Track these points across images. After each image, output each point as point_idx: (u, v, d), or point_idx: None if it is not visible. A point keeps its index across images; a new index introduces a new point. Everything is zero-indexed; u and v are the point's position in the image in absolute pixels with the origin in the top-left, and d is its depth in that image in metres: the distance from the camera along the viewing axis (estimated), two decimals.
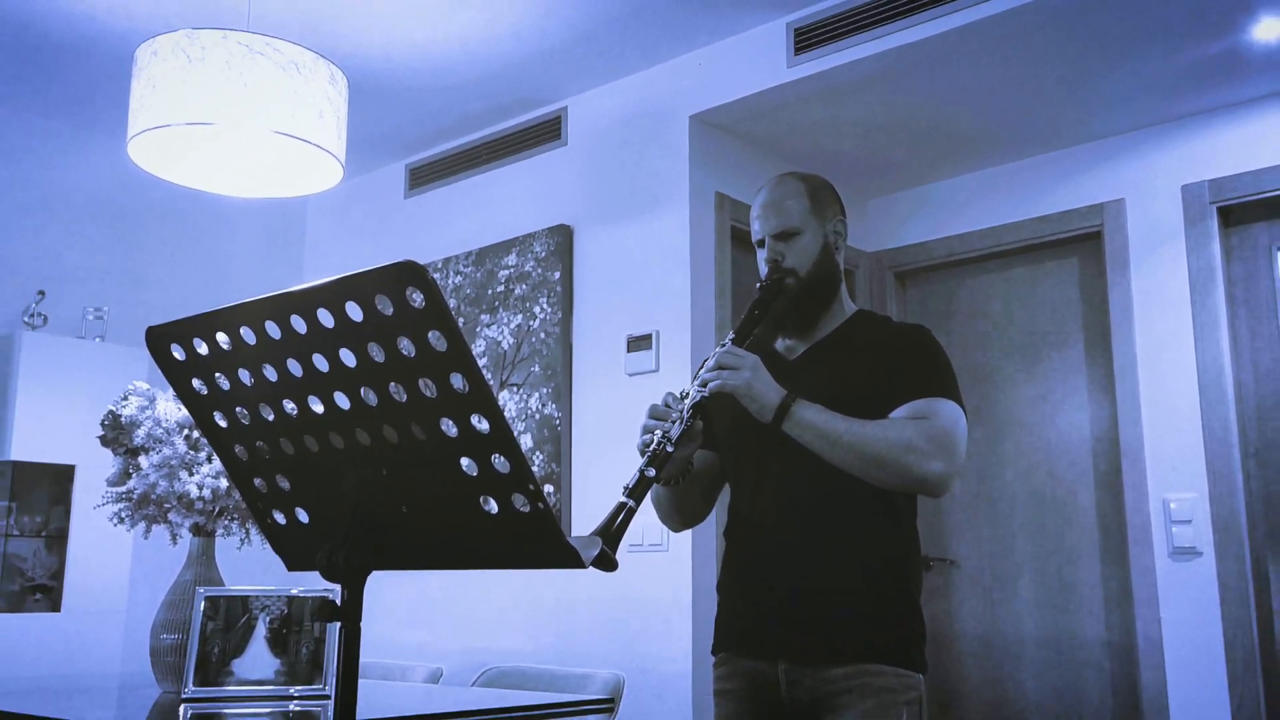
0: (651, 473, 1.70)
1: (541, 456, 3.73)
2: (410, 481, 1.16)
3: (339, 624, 1.12)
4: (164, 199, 4.15)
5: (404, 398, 1.10)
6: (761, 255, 1.96)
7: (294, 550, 1.32)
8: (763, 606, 1.87)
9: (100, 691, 2.73)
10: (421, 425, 1.11)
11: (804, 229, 1.93)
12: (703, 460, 1.98)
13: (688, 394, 1.79)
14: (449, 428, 1.09)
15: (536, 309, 3.85)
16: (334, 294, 1.07)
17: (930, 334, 1.93)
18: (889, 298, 4.30)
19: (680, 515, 2.02)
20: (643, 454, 1.75)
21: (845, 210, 2.03)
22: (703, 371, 1.81)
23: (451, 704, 2.48)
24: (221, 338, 1.18)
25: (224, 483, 2.42)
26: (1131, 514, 3.57)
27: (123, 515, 2.46)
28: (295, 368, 1.15)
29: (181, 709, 2.22)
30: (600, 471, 3.60)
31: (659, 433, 1.75)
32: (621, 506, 1.64)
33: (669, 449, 1.73)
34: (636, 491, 1.67)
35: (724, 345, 1.84)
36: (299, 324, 1.11)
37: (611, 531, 1.61)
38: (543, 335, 3.81)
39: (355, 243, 4.64)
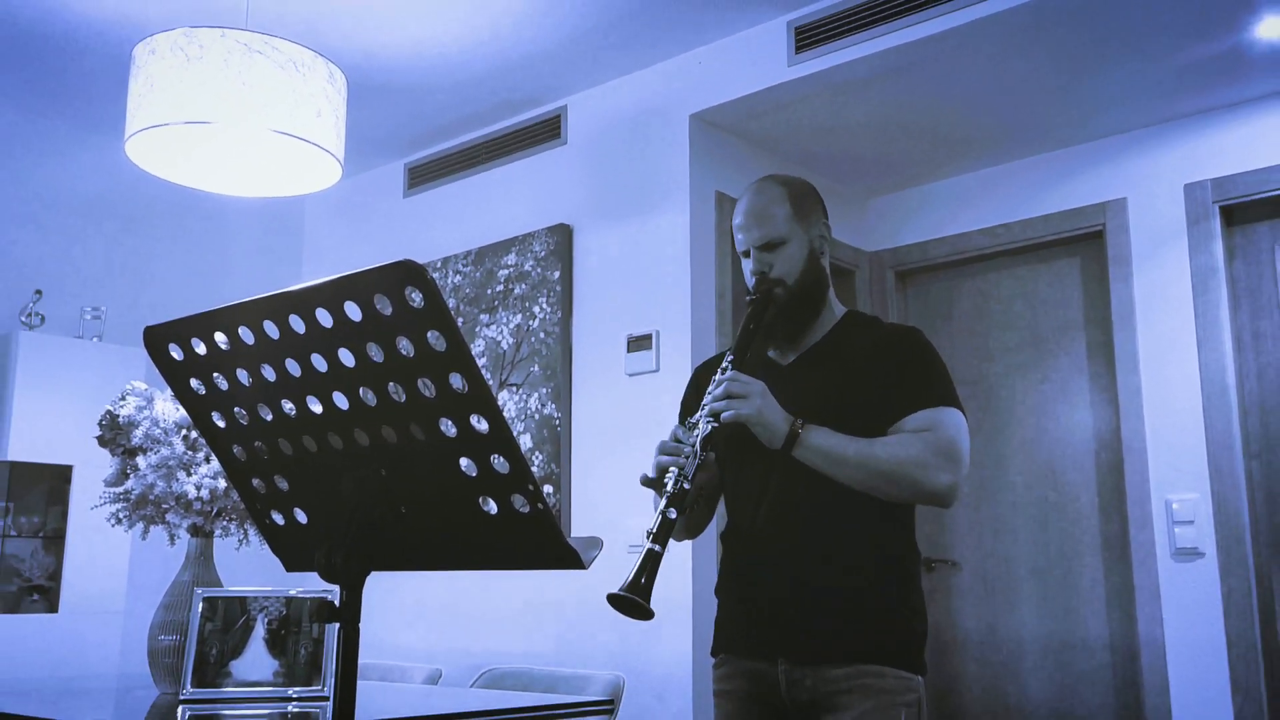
0: (673, 514, 1.69)
1: (541, 457, 3.73)
2: (409, 482, 1.16)
3: (338, 625, 1.12)
4: (162, 198, 4.15)
5: (403, 398, 1.10)
6: (747, 266, 1.95)
7: (292, 551, 1.32)
8: (762, 606, 1.87)
9: (98, 693, 2.73)
10: (420, 425, 1.11)
11: (789, 237, 1.92)
12: (705, 475, 1.99)
13: (696, 425, 1.78)
14: (448, 428, 1.09)
15: (536, 309, 3.84)
16: (332, 294, 1.07)
17: (922, 336, 1.93)
18: (889, 298, 4.30)
19: (687, 533, 2.04)
20: (656, 490, 1.75)
21: (828, 212, 2.03)
22: (710, 401, 1.80)
23: (451, 705, 2.48)
24: (220, 337, 1.18)
25: (222, 483, 2.42)
26: (1134, 515, 3.57)
27: (120, 516, 2.46)
28: (294, 368, 1.15)
29: (179, 710, 2.22)
30: (600, 472, 3.59)
31: (675, 470, 1.74)
32: (650, 554, 1.64)
33: (686, 486, 1.72)
34: (661, 536, 1.67)
35: (725, 369, 1.84)
36: (297, 324, 1.11)
37: (643, 584, 1.60)
38: (542, 335, 3.81)
39: (354, 242, 4.64)
